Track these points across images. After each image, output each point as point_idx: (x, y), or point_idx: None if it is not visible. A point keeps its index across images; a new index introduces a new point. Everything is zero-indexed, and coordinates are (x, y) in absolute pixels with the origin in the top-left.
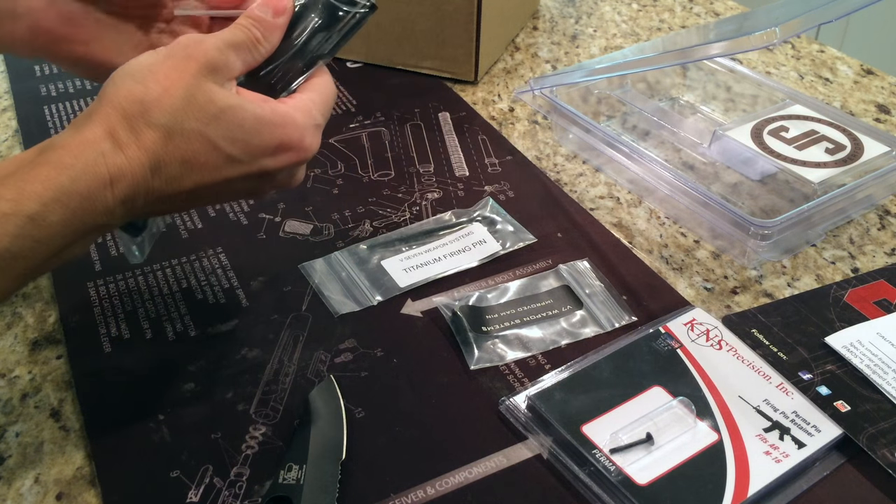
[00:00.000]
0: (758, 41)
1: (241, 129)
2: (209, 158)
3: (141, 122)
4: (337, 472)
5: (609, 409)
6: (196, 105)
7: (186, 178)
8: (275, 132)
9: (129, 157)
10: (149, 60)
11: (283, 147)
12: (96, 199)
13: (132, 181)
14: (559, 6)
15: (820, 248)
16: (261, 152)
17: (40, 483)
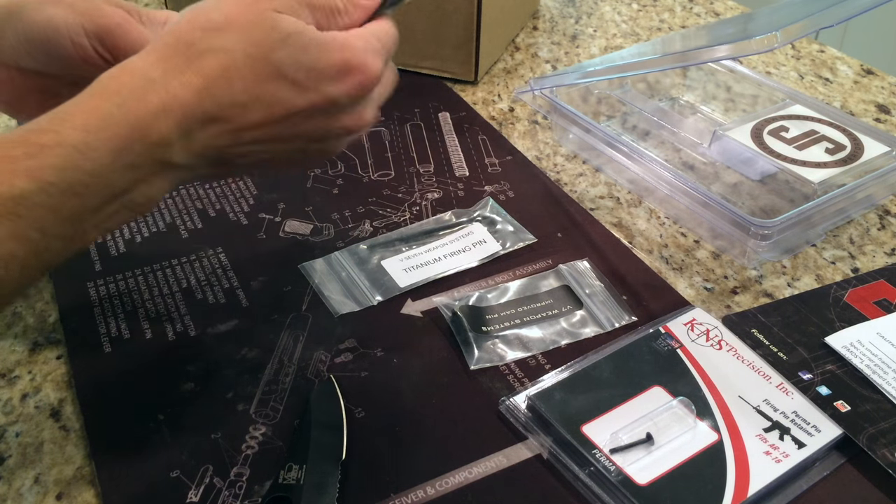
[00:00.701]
0: (759, 45)
1: (304, 53)
2: (273, 86)
3: (200, 47)
4: (337, 472)
5: (609, 409)
6: (261, 31)
7: (252, 109)
8: (336, 54)
9: (184, 82)
10: None
11: (346, 69)
12: (148, 128)
13: (187, 109)
14: (559, 6)
15: (820, 248)
16: (325, 76)
17: (40, 483)
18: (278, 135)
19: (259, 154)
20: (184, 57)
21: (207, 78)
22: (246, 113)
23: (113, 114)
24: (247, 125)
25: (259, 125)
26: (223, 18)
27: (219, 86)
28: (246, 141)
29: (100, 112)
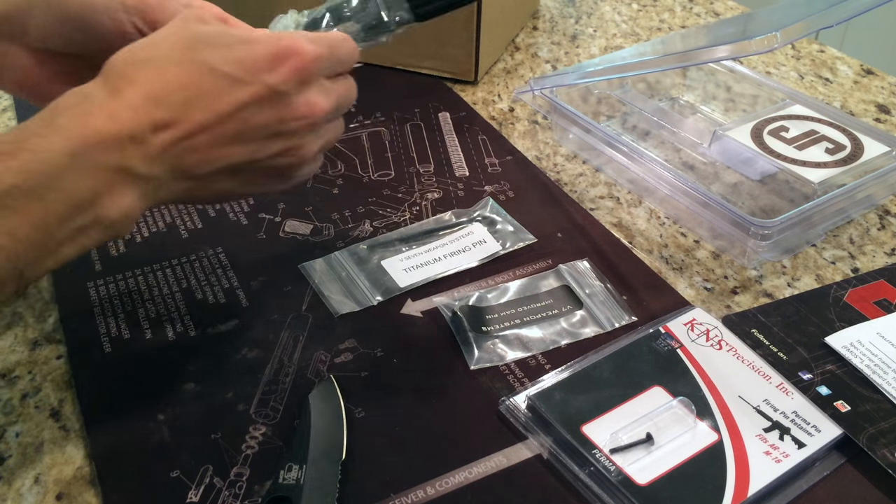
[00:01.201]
0: (759, 46)
1: (229, 49)
2: (209, 81)
3: (132, 65)
4: (337, 472)
5: (609, 409)
6: (182, 39)
7: (196, 107)
8: (264, 45)
9: (125, 97)
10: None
11: (278, 55)
12: (99, 132)
13: (133, 115)
14: (559, 6)
15: (820, 248)
16: (259, 67)
17: (40, 483)
18: (233, 134)
19: (223, 161)
20: (119, 78)
21: (145, 88)
22: (190, 112)
23: (62, 123)
24: (196, 125)
25: (209, 125)
26: (148, 41)
27: (157, 92)
28: (202, 144)
29: (51, 122)
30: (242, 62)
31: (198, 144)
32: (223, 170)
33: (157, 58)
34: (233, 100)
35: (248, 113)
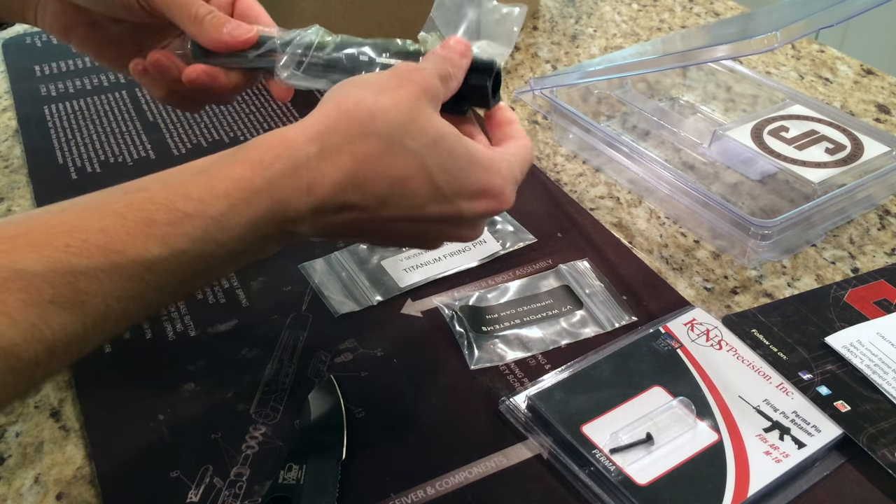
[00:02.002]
0: (759, 45)
1: (453, 161)
2: (419, 185)
3: (363, 129)
4: (337, 472)
5: (609, 409)
6: (418, 125)
7: (391, 203)
8: (481, 174)
9: (337, 163)
10: (375, 76)
11: (484, 192)
12: (288, 205)
13: (332, 191)
14: (559, 6)
15: (820, 248)
16: (465, 192)
17: (40, 483)
18: (400, 230)
19: (371, 236)
20: (344, 136)
21: (359, 164)
22: (383, 208)
23: (260, 189)
24: (378, 218)
25: (390, 220)
26: (389, 102)
27: (368, 175)
28: (369, 228)
29: (247, 185)
30: (455, 182)
31: (366, 227)
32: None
33: (390, 134)
34: (426, 210)
35: (428, 223)
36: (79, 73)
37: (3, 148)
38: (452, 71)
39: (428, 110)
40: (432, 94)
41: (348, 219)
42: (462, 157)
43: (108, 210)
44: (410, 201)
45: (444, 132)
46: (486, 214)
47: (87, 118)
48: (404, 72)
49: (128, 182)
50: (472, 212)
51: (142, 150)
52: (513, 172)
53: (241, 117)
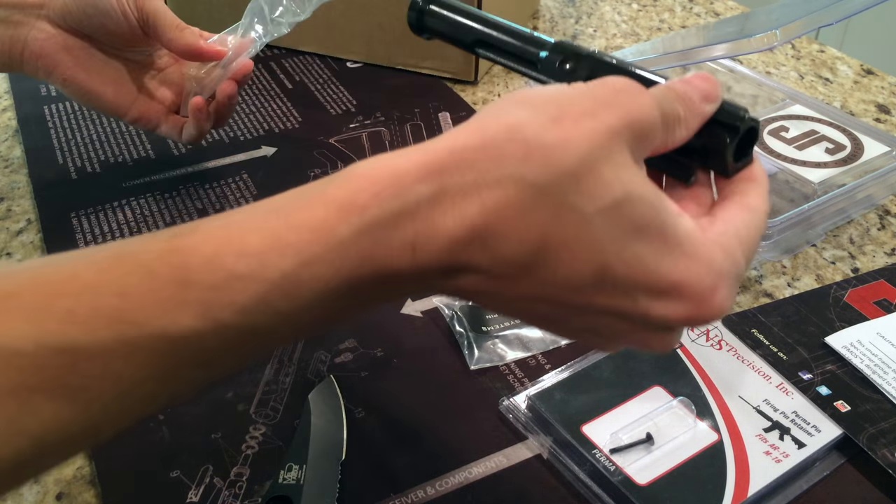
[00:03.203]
0: (758, 44)
1: (639, 235)
2: (580, 260)
3: (506, 169)
4: (337, 472)
5: (609, 409)
6: (599, 177)
7: (529, 276)
8: (680, 263)
9: (459, 213)
10: (563, 91)
11: (681, 290)
12: (383, 263)
13: (446, 250)
14: (559, 6)
15: (820, 248)
16: (650, 283)
17: (40, 483)
18: (550, 315)
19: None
20: (477, 175)
21: (490, 215)
22: (521, 278)
23: (345, 243)
24: (514, 291)
25: (532, 299)
26: (561, 136)
27: (501, 230)
28: (499, 302)
29: (327, 236)
30: (635, 265)
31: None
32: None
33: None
34: (588, 299)
35: (591, 315)
36: None
37: (3, 148)
38: (684, 114)
39: (621, 157)
40: (640, 135)
41: (471, 284)
42: (655, 232)
43: (135, 262)
44: (564, 279)
45: (637, 193)
46: (683, 324)
47: (87, 118)
48: (611, 91)
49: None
50: (661, 315)
51: (142, 150)
52: (732, 262)
53: (241, 117)
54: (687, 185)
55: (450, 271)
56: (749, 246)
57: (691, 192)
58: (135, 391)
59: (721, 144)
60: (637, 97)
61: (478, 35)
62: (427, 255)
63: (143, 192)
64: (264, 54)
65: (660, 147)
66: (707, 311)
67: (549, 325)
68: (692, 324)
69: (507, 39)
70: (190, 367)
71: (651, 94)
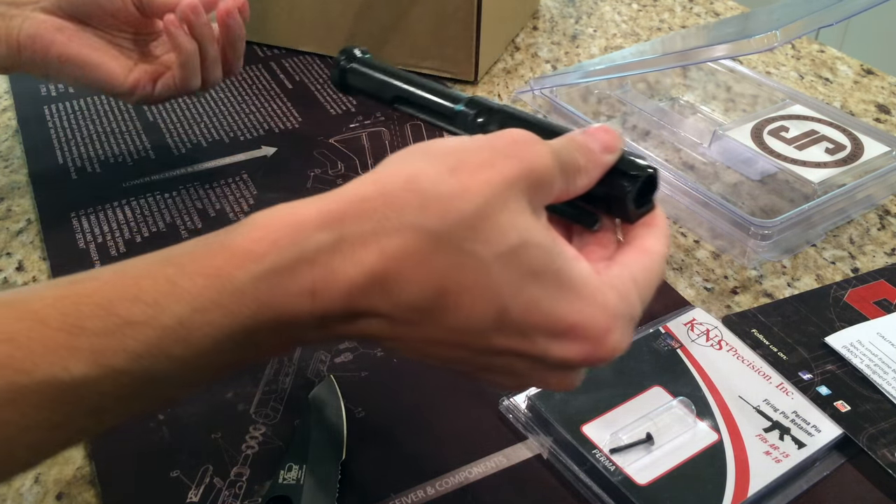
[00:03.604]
0: (758, 44)
1: (535, 280)
2: (480, 306)
3: (405, 219)
4: (337, 472)
5: (609, 409)
6: (495, 225)
7: (434, 320)
8: (574, 305)
9: (358, 260)
10: (462, 143)
11: (576, 331)
12: (283, 309)
13: (346, 295)
14: (559, 6)
15: (820, 248)
16: (546, 326)
17: (40, 483)
18: (453, 358)
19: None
20: (375, 224)
21: (390, 262)
22: (423, 324)
23: (241, 290)
24: (417, 336)
25: (435, 343)
26: (458, 187)
27: (402, 276)
28: (402, 345)
29: (224, 281)
30: (535, 312)
31: (399, 343)
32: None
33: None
34: (486, 342)
35: (492, 357)
36: None
37: (3, 148)
38: (584, 163)
39: (517, 205)
40: (536, 184)
41: (374, 329)
42: (551, 277)
43: (27, 309)
44: (464, 324)
45: (533, 240)
46: (580, 363)
47: (87, 118)
48: (509, 142)
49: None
50: (559, 356)
51: (142, 150)
52: (627, 304)
53: (241, 117)
54: (592, 232)
55: (351, 317)
56: (645, 288)
57: (596, 237)
58: (22, 437)
59: (622, 192)
60: (534, 147)
61: (396, 92)
62: (327, 301)
63: (143, 192)
64: (264, 54)
65: (561, 195)
66: (602, 352)
67: (453, 366)
68: (589, 364)
69: (424, 95)
70: (83, 416)
71: (549, 144)
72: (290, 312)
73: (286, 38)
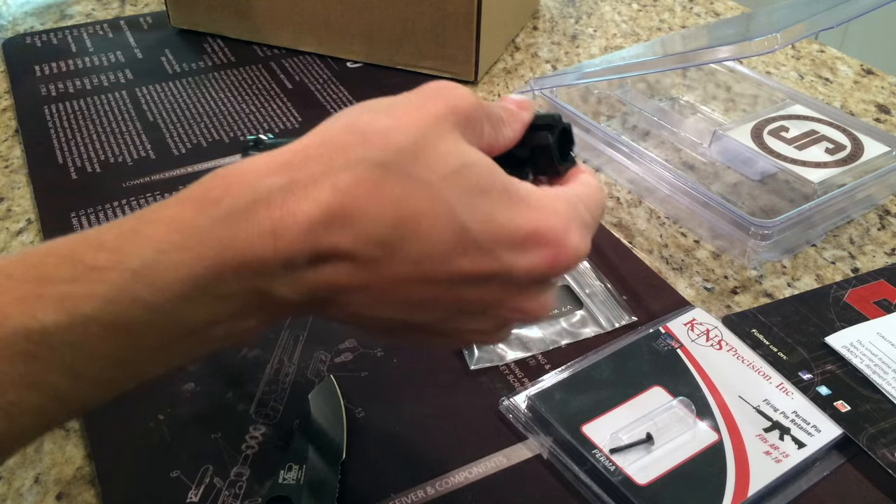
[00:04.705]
0: (759, 47)
1: (485, 196)
2: (437, 226)
3: (351, 157)
4: (337, 472)
5: (609, 409)
6: (434, 151)
7: (399, 252)
8: (529, 214)
9: (312, 198)
10: (393, 98)
11: (537, 237)
12: (246, 251)
13: (306, 231)
14: (559, 6)
15: (820, 248)
16: (506, 237)
17: (40, 483)
18: (426, 300)
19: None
20: (324, 166)
21: (345, 196)
22: (389, 260)
23: (202, 230)
24: (385, 276)
25: (403, 282)
26: (391, 123)
27: (359, 207)
28: (376, 297)
29: (184, 225)
30: (490, 222)
31: (371, 295)
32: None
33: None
34: (456, 267)
35: (462, 287)
36: (79, 73)
37: (3, 148)
38: (505, 116)
39: (452, 135)
40: (465, 120)
41: (342, 279)
42: (499, 192)
43: None
44: (428, 248)
45: (474, 160)
46: (547, 271)
47: (87, 118)
48: (433, 88)
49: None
50: (525, 268)
51: (142, 150)
52: (577, 212)
53: (241, 117)
54: None
55: (316, 259)
56: (591, 206)
57: None
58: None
59: (545, 141)
60: (457, 89)
61: None
62: (288, 240)
63: (143, 192)
64: (264, 54)
65: (491, 143)
66: (565, 254)
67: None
68: (556, 270)
69: None
70: (57, 373)
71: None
72: (253, 255)
73: (286, 38)
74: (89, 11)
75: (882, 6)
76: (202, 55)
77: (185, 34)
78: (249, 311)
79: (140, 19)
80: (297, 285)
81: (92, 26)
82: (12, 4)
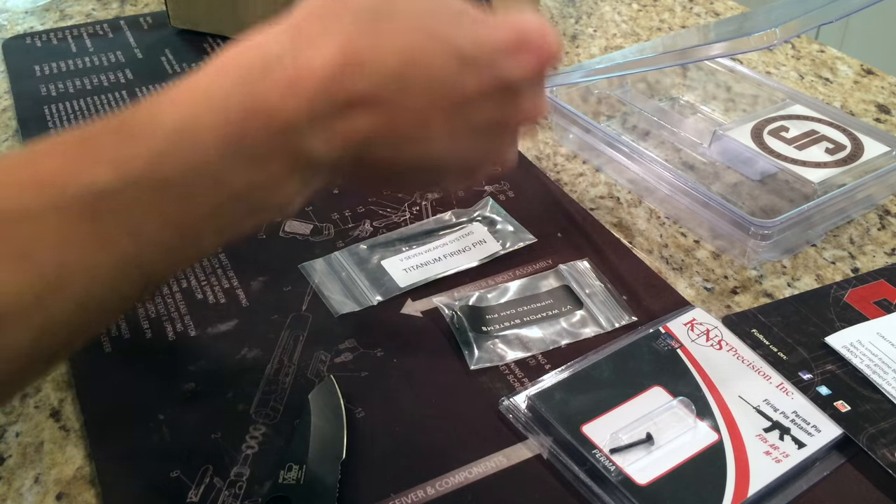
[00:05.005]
0: (757, 42)
1: (468, 17)
2: (435, 52)
3: (339, 10)
4: (337, 472)
5: (609, 409)
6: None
7: (412, 84)
8: (506, 23)
9: (320, 52)
10: None
11: (522, 44)
12: (273, 109)
13: (322, 82)
14: (559, 6)
15: (820, 248)
16: (496, 48)
17: (40, 483)
18: (447, 129)
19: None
20: (321, 23)
21: (348, 42)
22: (404, 93)
23: (226, 89)
24: (406, 113)
25: (422, 114)
26: None
27: (366, 50)
28: (403, 136)
29: (207, 91)
30: (478, 38)
31: (397, 136)
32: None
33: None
34: (461, 85)
35: (474, 106)
36: (79, 73)
37: (3, 148)
38: None
39: None
40: None
41: (368, 124)
42: (473, 13)
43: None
44: (436, 76)
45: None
46: (537, 67)
47: (87, 118)
48: None
49: None
50: (518, 70)
51: None
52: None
53: None
54: None
55: (341, 107)
56: None
57: None
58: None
59: None
60: None
61: None
62: (308, 94)
63: None
64: None
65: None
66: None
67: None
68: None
69: None
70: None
71: None
72: (277, 112)
73: None
74: (89, 11)
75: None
76: (202, 55)
77: (185, 34)
78: (285, 174)
79: (140, 19)
80: (327, 139)
81: (92, 26)
82: (12, 4)
